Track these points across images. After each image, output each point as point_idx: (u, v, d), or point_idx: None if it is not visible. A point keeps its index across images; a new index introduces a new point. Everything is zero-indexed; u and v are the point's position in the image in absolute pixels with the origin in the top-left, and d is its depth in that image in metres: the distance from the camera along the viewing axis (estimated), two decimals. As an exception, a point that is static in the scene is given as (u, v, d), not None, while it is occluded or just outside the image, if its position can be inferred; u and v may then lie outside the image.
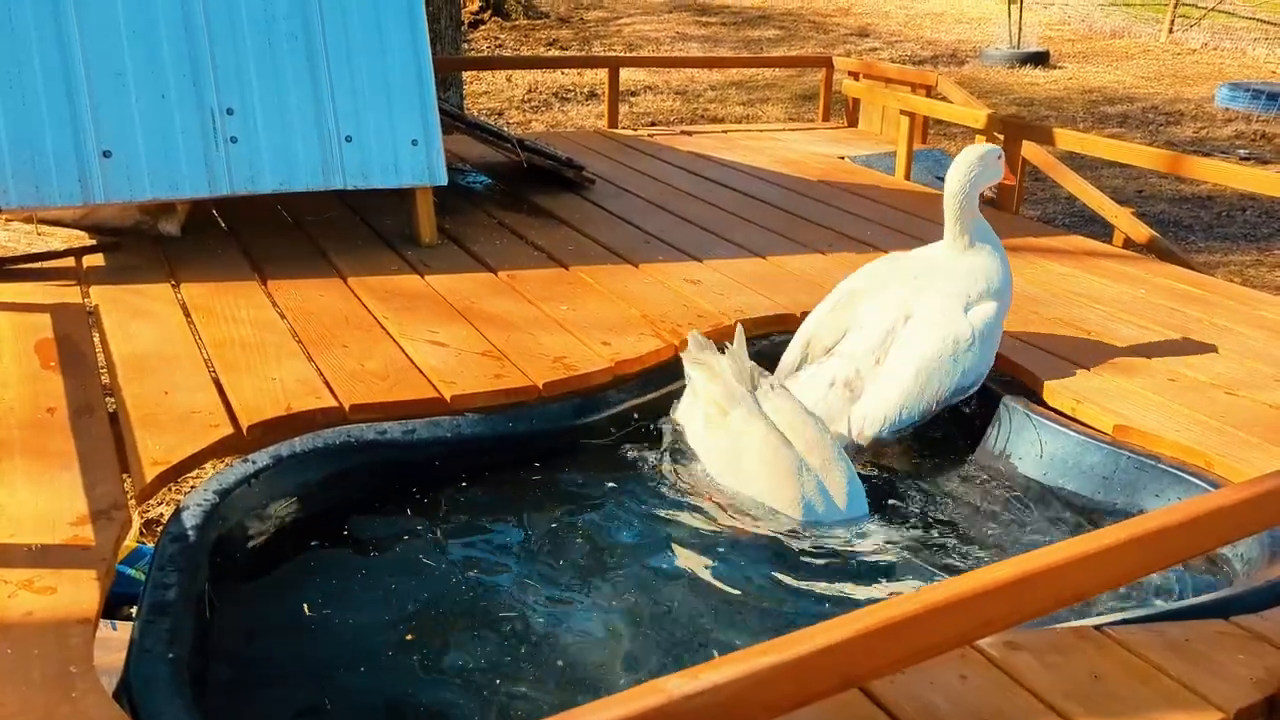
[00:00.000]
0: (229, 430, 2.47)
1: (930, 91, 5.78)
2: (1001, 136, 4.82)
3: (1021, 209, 4.94)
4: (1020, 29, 12.16)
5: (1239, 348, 3.25)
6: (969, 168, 2.90)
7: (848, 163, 5.57)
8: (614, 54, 11.11)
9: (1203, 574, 2.40)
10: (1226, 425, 2.71)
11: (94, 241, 3.62)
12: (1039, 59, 11.85)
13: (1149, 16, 14.08)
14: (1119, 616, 1.99)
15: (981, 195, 2.99)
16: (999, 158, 2.95)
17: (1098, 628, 1.92)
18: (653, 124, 8.54)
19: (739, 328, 2.85)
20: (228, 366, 2.77)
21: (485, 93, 9.81)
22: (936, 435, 3.06)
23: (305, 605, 2.21)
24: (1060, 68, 11.85)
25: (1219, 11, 13.79)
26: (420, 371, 2.82)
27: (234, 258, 3.61)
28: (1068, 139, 4.60)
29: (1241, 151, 8.52)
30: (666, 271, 3.73)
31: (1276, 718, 1.75)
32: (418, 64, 3.66)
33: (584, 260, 3.81)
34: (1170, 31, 13.21)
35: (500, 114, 9.20)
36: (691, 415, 2.75)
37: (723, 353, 2.74)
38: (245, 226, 3.94)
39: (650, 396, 3.03)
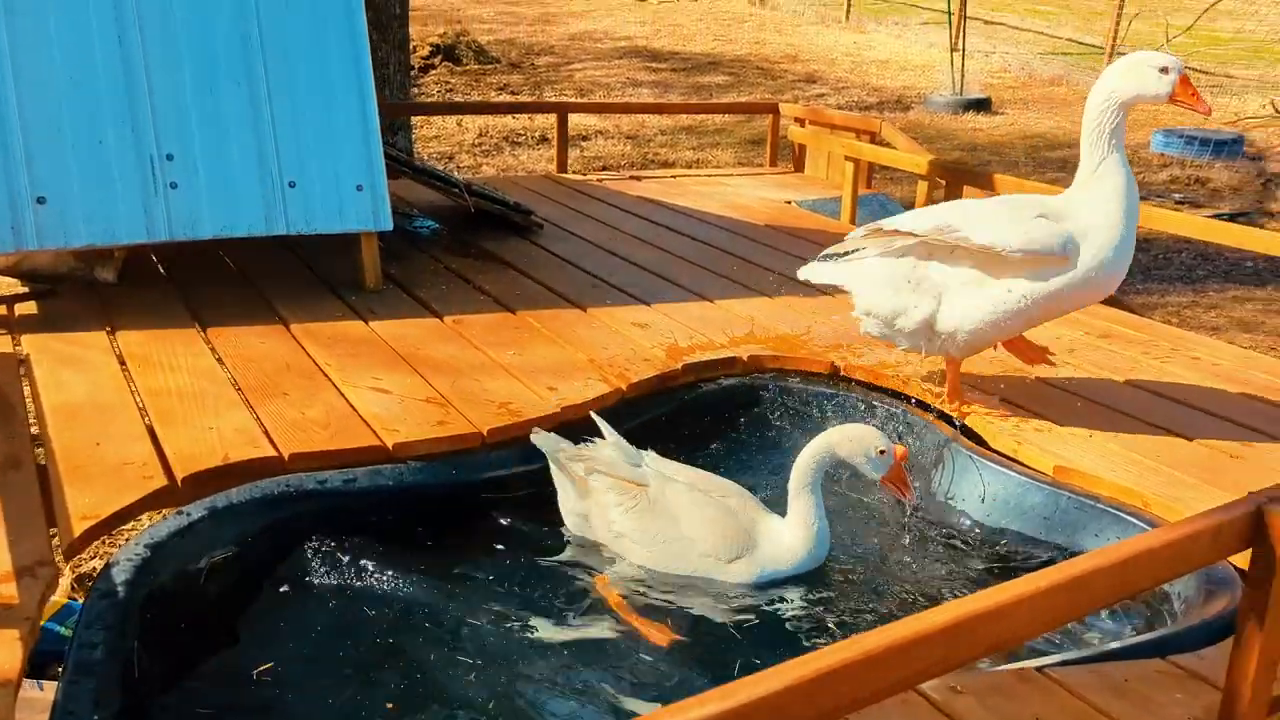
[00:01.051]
0: (163, 482, 2.42)
1: (874, 137, 5.88)
2: (943, 182, 4.92)
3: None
4: (963, 76, 12.46)
5: (1175, 389, 3.32)
6: (1112, 77, 2.68)
7: (794, 207, 5.64)
8: (563, 99, 11.20)
9: (1145, 615, 2.43)
10: (1162, 465, 2.76)
11: (27, 289, 3.55)
12: (981, 105, 12.15)
13: (1086, 65, 14.51)
14: (1060, 658, 2.00)
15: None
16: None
17: (1039, 669, 1.93)
18: (603, 168, 8.60)
19: (594, 416, 2.73)
20: (163, 416, 2.71)
21: (436, 137, 9.82)
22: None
23: (241, 661, 2.15)
24: (1002, 113, 12.16)
25: (1152, 60, 14.27)
26: (362, 419, 2.79)
27: (173, 305, 3.56)
28: (1007, 183, 4.70)
29: (1176, 195, 8.77)
30: (614, 315, 3.74)
31: (1214, 757, 1.76)
32: (363, 109, 3.65)
33: (531, 305, 3.80)
34: (1106, 79, 13.62)
35: (451, 158, 9.21)
36: (594, 513, 2.59)
37: (577, 443, 2.67)
38: (186, 273, 3.88)
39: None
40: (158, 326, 3.33)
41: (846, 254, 3.15)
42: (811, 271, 3.23)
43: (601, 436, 2.67)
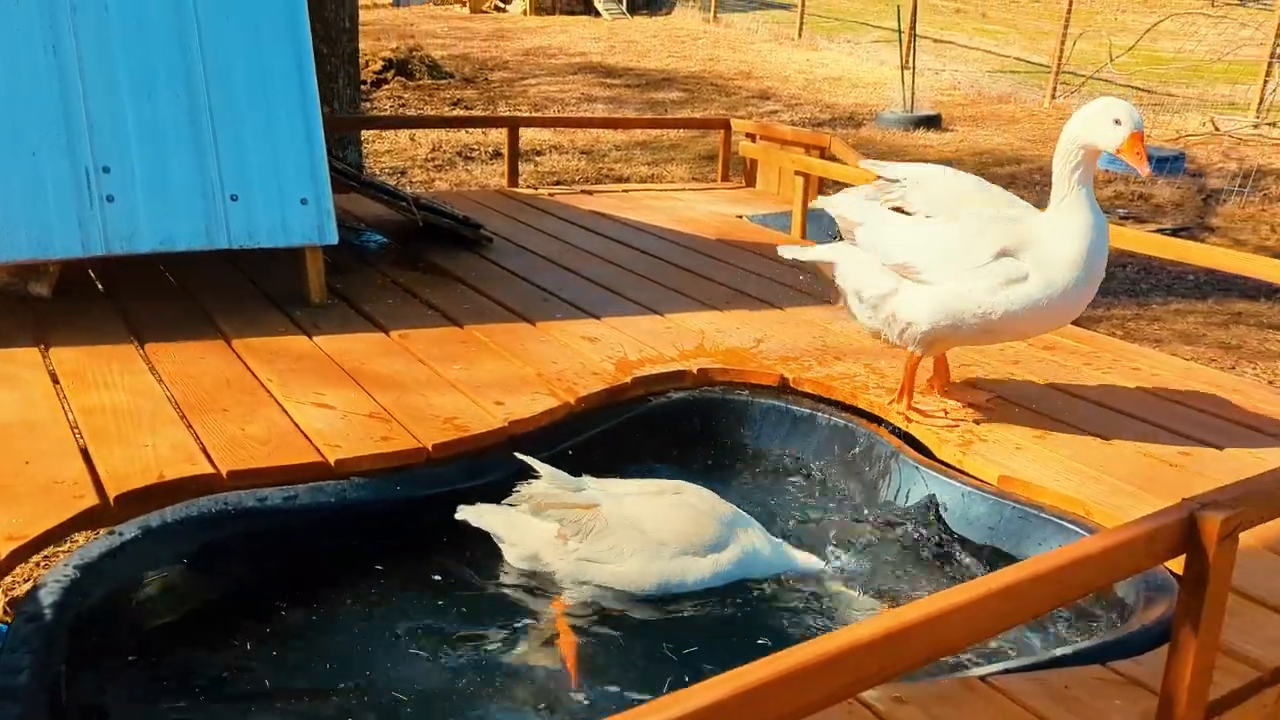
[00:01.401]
0: (94, 501, 2.35)
1: (824, 153, 5.93)
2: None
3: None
4: (913, 93, 12.64)
5: (1117, 399, 3.36)
6: (1077, 120, 2.76)
7: (745, 221, 5.67)
8: (516, 114, 11.18)
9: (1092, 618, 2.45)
10: (1104, 474, 2.79)
11: (-42, 304, 3.45)
12: (931, 122, 12.32)
13: (1033, 83, 14.79)
14: (1002, 666, 2.01)
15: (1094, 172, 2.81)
16: (1116, 123, 2.67)
17: (983, 678, 1.94)
18: (558, 183, 8.59)
19: (520, 456, 2.66)
20: (97, 434, 2.64)
21: (389, 151, 9.75)
22: (827, 487, 3.08)
23: (175, 684, 2.09)
24: (952, 130, 12.34)
25: (1097, 79, 14.57)
26: (304, 435, 2.74)
27: (110, 321, 3.47)
28: (953, 198, 4.76)
29: (1120, 211, 8.95)
30: (564, 329, 3.72)
31: (1152, 762, 1.77)
32: (306, 121, 3.61)
33: (480, 319, 3.77)
34: (1053, 97, 13.89)
35: (403, 173, 9.14)
36: (545, 549, 2.52)
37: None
38: (124, 288, 3.80)
39: (544, 455, 2.99)
40: (93, 343, 3.25)
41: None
42: (790, 250, 3.34)
43: (535, 475, 2.58)
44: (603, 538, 2.46)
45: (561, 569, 2.49)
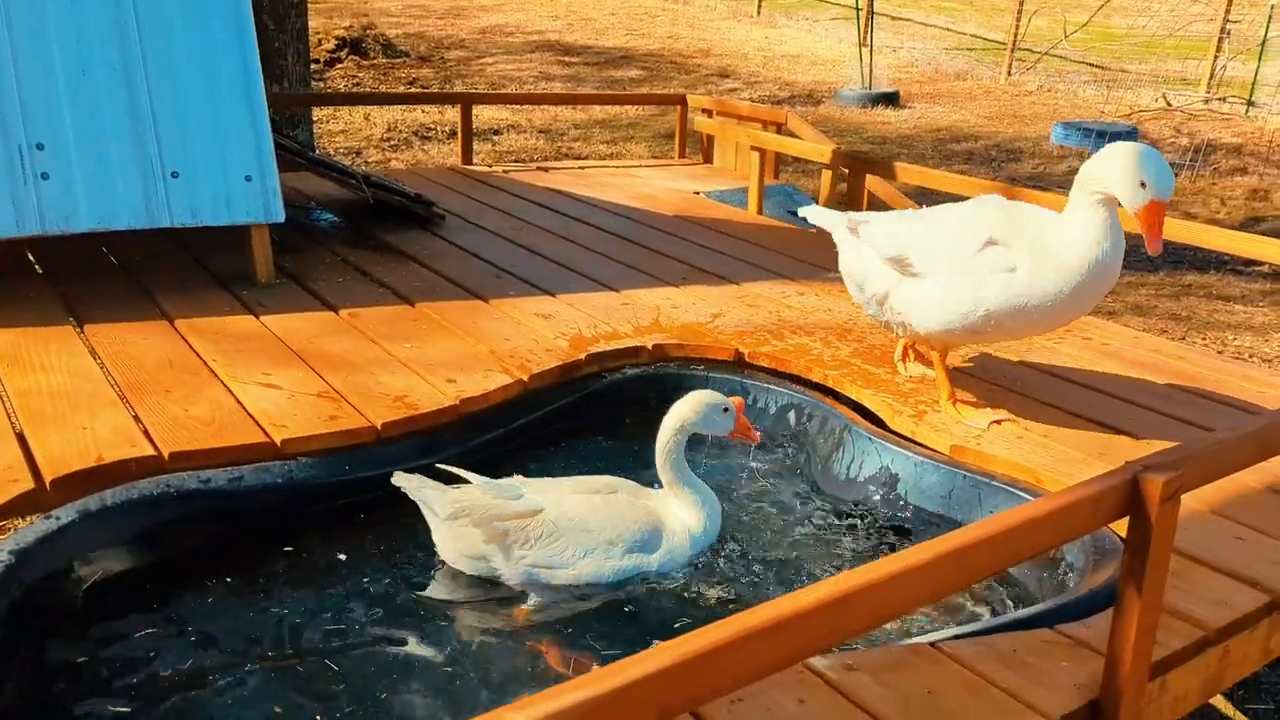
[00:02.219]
0: (30, 485, 2.29)
1: (780, 129, 5.92)
2: (847, 171, 4.97)
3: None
4: (871, 71, 12.66)
5: (1067, 369, 3.39)
6: (1101, 163, 2.55)
7: (702, 198, 5.64)
8: (471, 91, 11.05)
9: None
10: (1053, 442, 2.81)
11: (-110, 287, 3.35)
12: (890, 99, 12.36)
13: (989, 60, 14.88)
14: (953, 632, 2.01)
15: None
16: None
17: (932, 644, 1.94)
18: (515, 162, 8.51)
19: (447, 468, 2.56)
20: (33, 417, 2.57)
21: (343, 131, 9.61)
22: (781, 460, 3.08)
23: (115, 670, 2.04)
24: (910, 107, 12.38)
25: (1052, 55, 14.68)
26: (250, 416, 2.68)
27: (48, 302, 3.38)
28: (908, 173, 4.77)
29: (1074, 185, 9.04)
30: (517, 306, 3.67)
31: (1099, 722, 1.78)
32: (249, 96, 3.52)
33: (431, 297, 3.71)
34: (1009, 74, 13.98)
35: (359, 153, 9.01)
36: (494, 555, 2.42)
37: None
38: (62, 269, 3.70)
39: (497, 433, 2.96)
40: (30, 324, 3.16)
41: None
42: (812, 213, 3.27)
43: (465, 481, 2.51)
44: (552, 542, 2.41)
45: (510, 573, 2.41)
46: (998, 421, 2.89)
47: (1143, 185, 2.48)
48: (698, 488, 2.56)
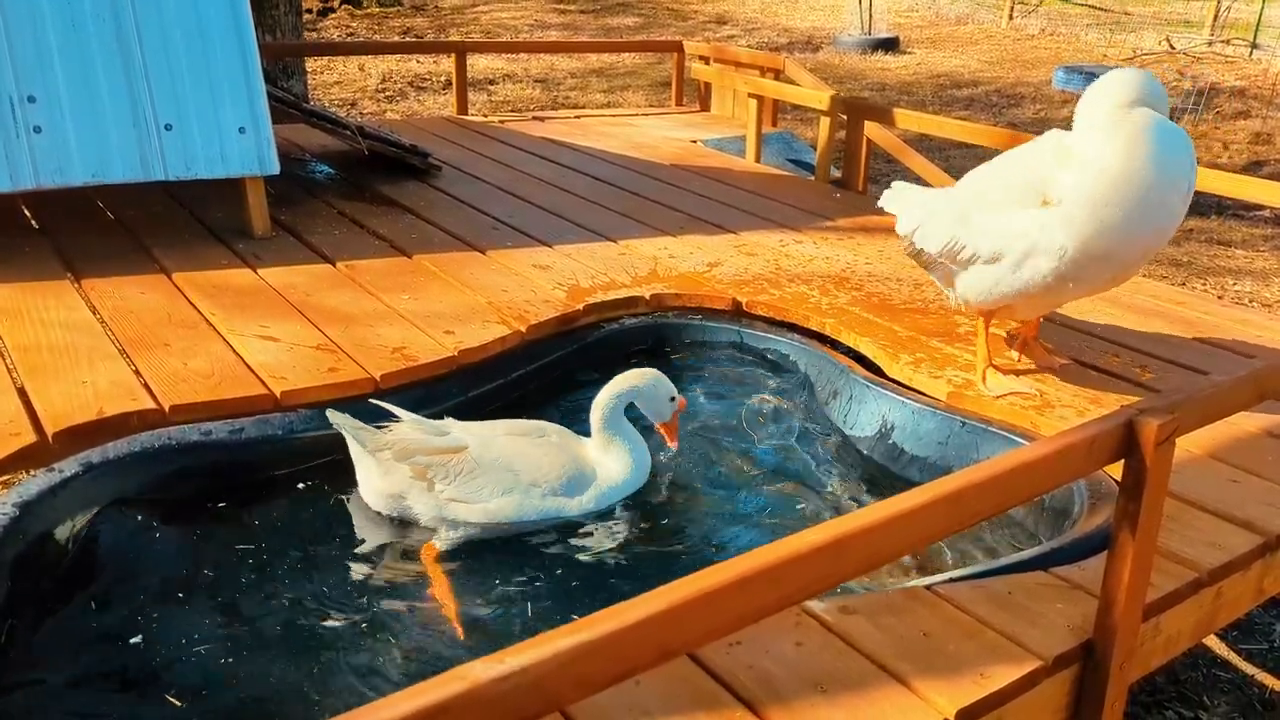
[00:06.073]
0: (32, 438, 2.30)
1: (778, 75, 5.85)
2: (844, 117, 4.92)
3: (869, 189, 5.06)
4: (871, 16, 12.49)
5: (1067, 315, 3.39)
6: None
7: (700, 146, 5.60)
8: (464, 40, 10.93)
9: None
10: (1049, 388, 2.82)
11: (-116, 243, 3.34)
12: (890, 45, 12.21)
13: (990, 4, 14.67)
14: (948, 575, 2.03)
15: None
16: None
17: (928, 587, 1.96)
18: (512, 112, 8.43)
19: (379, 403, 2.58)
20: (33, 371, 2.58)
21: (337, 83, 9.51)
22: (778, 407, 3.09)
23: (122, 625, 2.07)
24: (910, 53, 12.23)
25: (1054, -1, 14.48)
26: (249, 368, 2.69)
27: (44, 256, 3.37)
28: (907, 119, 4.72)
29: (1076, 130, 8.96)
30: (514, 257, 3.66)
31: (1092, 661, 1.81)
32: (241, 46, 3.48)
33: (428, 248, 3.70)
34: (1010, 18, 13.79)
35: (354, 104, 8.93)
36: (413, 491, 2.41)
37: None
38: (58, 223, 3.69)
39: (495, 384, 2.97)
40: (27, 279, 3.15)
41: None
42: (889, 201, 3.08)
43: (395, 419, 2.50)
44: (472, 479, 2.41)
45: (427, 512, 2.40)
46: (1016, 394, 2.78)
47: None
48: (630, 438, 2.58)
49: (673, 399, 2.61)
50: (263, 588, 2.19)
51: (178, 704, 1.87)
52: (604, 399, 2.56)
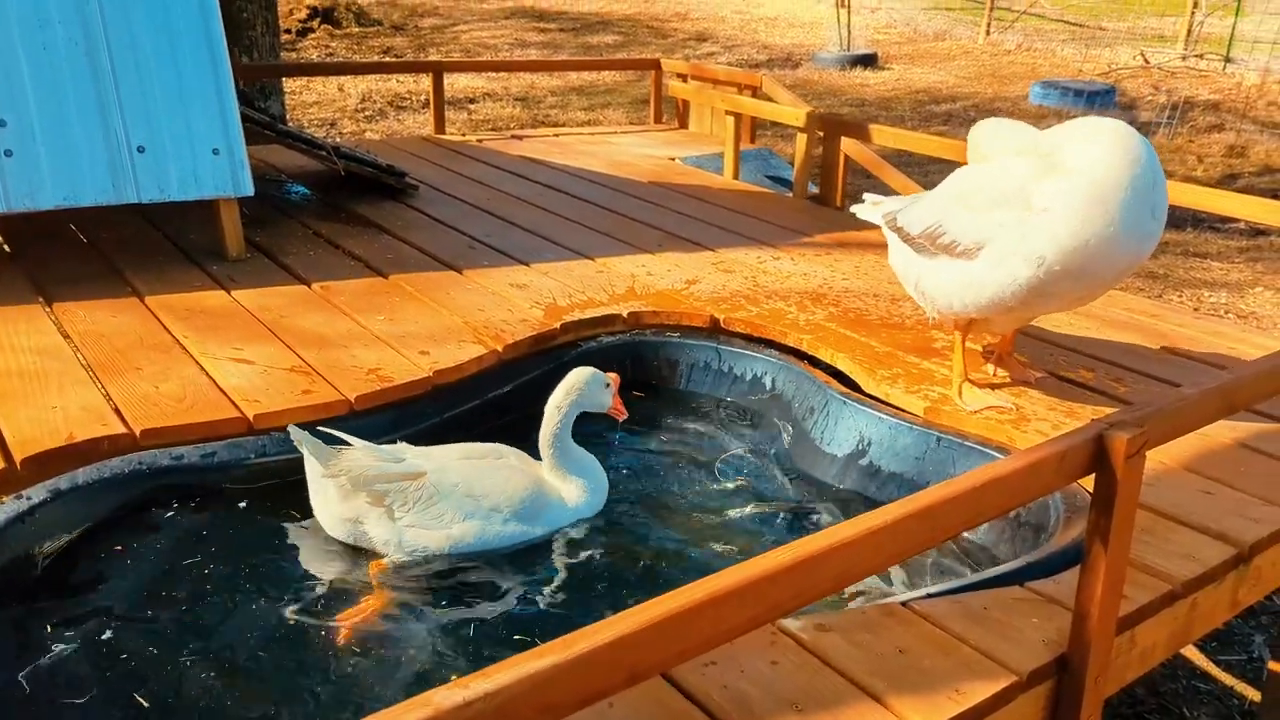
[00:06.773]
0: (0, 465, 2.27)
1: (756, 92, 5.88)
2: (821, 134, 4.95)
3: (846, 205, 5.08)
4: (849, 32, 12.59)
5: (1041, 328, 3.40)
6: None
7: (678, 164, 5.61)
8: (444, 60, 10.95)
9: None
10: (1025, 403, 2.82)
11: None
12: (868, 61, 12.30)
13: (968, 20, 14.81)
14: (924, 592, 2.03)
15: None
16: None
17: (904, 604, 1.96)
18: (491, 130, 8.44)
19: (329, 431, 2.51)
20: (2, 397, 2.55)
21: (316, 103, 9.50)
22: (758, 422, 3.09)
23: (91, 650, 2.04)
24: (888, 69, 12.33)
25: (1030, 14, 14.62)
26: (222, 391, 2.67)
27: (14, 280, 3.34)
28: (884, 135, 4.75)
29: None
30: (492, 277, 3.66)
31: (1067, 675, 1.81)
32: (215, 68, 3.47)
33: (404, 269, 3.69)
34: (988, 34, 13.93)
35: (333, 124, 8.92)
36: (370, 516, 2.38)
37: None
38: (29, 246, 3.66)
39: (473, 404, 2.96)
40: (-3, 304, 3.13)
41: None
42: (862, 210, 3.16)
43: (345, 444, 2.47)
44: (432, 504, 2.38)
45: (386, 538, 2.37)
46: (992, 408, 2.77)
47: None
48: (584, 462, 2.57)
49: (607, 385, 2.60)
50: (231, 615, 2.17)
51: (146, 734, 1.84)
52: (550, 426, 2.53)
